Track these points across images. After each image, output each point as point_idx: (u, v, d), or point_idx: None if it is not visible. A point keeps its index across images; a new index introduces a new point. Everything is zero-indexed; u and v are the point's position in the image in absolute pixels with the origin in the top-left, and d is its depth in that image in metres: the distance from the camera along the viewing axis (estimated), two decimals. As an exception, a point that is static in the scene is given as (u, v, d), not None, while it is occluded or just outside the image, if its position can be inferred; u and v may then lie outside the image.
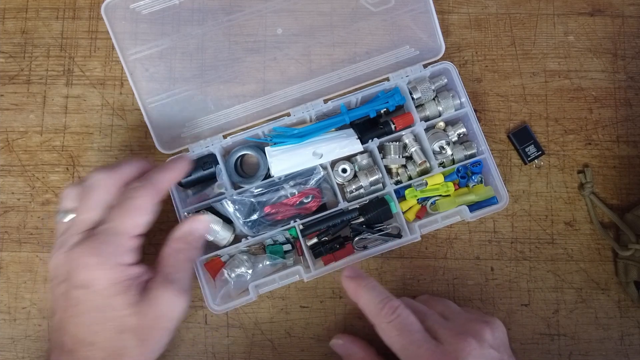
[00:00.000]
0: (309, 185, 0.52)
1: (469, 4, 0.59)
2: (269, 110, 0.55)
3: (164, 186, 0.45)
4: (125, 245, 0.42)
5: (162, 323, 0.43)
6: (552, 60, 0.58)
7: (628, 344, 0.54)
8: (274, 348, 0.54)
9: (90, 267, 0.41)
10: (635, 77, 0.58)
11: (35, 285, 0.55)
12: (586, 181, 0.55)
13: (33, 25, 0.59)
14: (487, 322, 0.44)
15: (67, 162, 0.57)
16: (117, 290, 0.41)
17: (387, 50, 0.56)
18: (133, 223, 0.42)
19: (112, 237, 0.41)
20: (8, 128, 0.57)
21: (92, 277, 0.41)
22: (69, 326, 0.41)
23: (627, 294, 0.54)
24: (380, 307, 0.44)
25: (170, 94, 0.55)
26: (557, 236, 0.55)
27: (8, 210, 0.56)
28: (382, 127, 0.54)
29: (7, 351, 0.54)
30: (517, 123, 0.57)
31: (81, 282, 0.41)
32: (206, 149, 0.54)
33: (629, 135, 0.57)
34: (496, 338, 0.43)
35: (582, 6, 0.59)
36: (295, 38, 0.57)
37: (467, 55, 0.58)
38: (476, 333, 0.42)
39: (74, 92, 0.58)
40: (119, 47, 0.53)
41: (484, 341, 0.42)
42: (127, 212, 0.42)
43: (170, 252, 0.45)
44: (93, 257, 0.41)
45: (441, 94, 0.54)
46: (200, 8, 0.55)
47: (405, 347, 0.42)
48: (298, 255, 0.54)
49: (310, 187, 0.52)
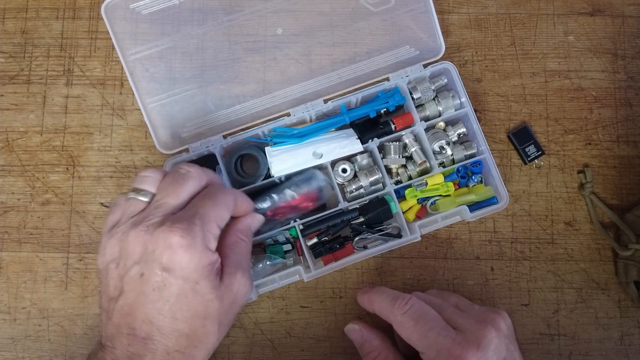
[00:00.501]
0: (308, 188, 0.52)
1: (469, 4, 0.59)
2: (269, 110, 0.55)
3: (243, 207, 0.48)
4: (213, 232, 0.42)
5: (235, 308, 0.44)
6: (552, 60, 0.58)
7: (628, 344, 0.54)
8: (274, 348, 0.54)
9: (178, 248, 0.39)
10: (635, 77, 0.58)
11: (35, 285, 0.55)
12: (586, 181, 0.55)
13: (33, 25, 0.59)
14: (498, 314, 0.45)
15: (67, 162, 0.57)
16: (203, 274, 0.40)
17: (387, 50, 0.56)
18: (221, 215, 0.43)
19: (204, 222, 0.41)
20: (8, 128, 0.57)
21: (179, 258, 0.39)
22: (145, 311, 0.39)
23: (627, 294, 0.54)
24: (392, 302, 0.45)
25: (170, 94, 0.55)
26: (557, 236, 0.55)
27: (8, 210, 0.56)
28: (382, 127, 0.54)
29: (7, 351, 0.54)
30: (517, 123, 0.57)
31: (166, 264, 0.39)
32: (206, 149, 0.54)
33: (629, 135, 0.57)
34: (508, 328, 0.45)
35: (582, 6, 0.59)
36: (295, 38, 0.57)
37: (467, 55, 0.58)
38: (493, 322, 0.43)
39: (74, 92, 0.58)
40: (119, 47, 0.53)
41: (501, 330, 0.43)
42: (217, 203, 0.43)
43: (235, 241, 0.46)
44: (184, 238, 0.39)
45: (441, 94, 0.54)
46: (200, 8, 0.55)
47: (424, 335, 0.42)
48: (298, 255, 0.54)
49: (309, 191, 0.52)
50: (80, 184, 0.56)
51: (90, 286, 0.55)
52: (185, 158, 0.54)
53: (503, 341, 0.43)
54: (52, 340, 0.54)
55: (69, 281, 0.55)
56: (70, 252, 0.55)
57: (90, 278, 0.55)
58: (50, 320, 0.54)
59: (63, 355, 0.54)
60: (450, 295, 0.50)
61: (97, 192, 0.56)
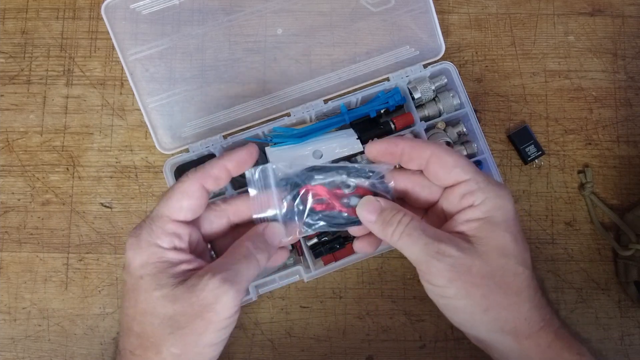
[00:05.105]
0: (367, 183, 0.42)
1: (469, 4, 0.59)
2: (269, 110, 0.55)
3: (215, 172, 0.41)
4: (164, 228, 0.40)
5: (204, 314, 0.38)
6: (552, 60, 0.58)
7: (628, 344, 0.54)
8: (274, 348, 0.54)
9: (127, 247, 0.40)
10: (635, 77, 0.58)
11: (35, 285, 0.55)
12: (586, 181, 0.55)
13: (33, 25, 0.59)
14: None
15: (67, 162, 0.57)
16: (147, 271, 0.39)
17: (387, 50, 0.56)
18: (175, 206, 0.40)
19: (151, 219, 0.41)
20: (8, 128, 0.57)
21: (128, 257, 0.40)
22: (120, 312, 0.42)
23: (627, 294, 0.54)
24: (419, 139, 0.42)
25: (170, 94, 0.55)
26: (557, 236, 0.55)
27: (8, 210, 0.56)
28: (382, 127, 0.54)
29: (7, 351, 0.54)
30: (517, 123, 0.57)
31: (124, 264, 0.41)
32: (206, 149, 0.54)
33: (629, 135, 0.57)
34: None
35: (582, 6, 0.59)
36: (295, 38, 0.57)
37: (467, 55, 0.58)
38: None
39: (74, 92, 0.58)
40: (119, 47, 0.53)
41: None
42: (170, 194, 0.41)
43: (235, 246, 0.41)
44: (131, 237, 0.40)
45: (441, 94, 0.54)
46: (200, 8, 0.55)
47: (462, 156, 0.40)
48: (298, 255, 0.54)
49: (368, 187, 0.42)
50: (80, 184, 0.56)
51: (90, 286, 0.55)
52: (185, 158, 0.54)
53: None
54: (52, 340, 0.54)
55: (69, 281, 0.55)
56: (70, 252, 0.55)
57: (90, 278, 0.55)
58: (50, 321, 0.54)
59: (63, 356, 0.54)
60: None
61: (97, 192, 0.56)
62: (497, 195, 0.39)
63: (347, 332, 0.54)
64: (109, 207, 0.56)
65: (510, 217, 0.39)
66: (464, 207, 0.39)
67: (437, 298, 0.40)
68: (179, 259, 0.40)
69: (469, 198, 0.39)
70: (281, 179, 0.42)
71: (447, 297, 0.38)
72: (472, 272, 0.37)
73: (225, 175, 0.42)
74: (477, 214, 0.39)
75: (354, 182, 0.41)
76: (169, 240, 0.40)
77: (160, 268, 0.39)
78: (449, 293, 0.38)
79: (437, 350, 0.53)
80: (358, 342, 0.54)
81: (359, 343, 0.54)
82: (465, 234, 0.39)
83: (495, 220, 0.38)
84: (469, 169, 0.39)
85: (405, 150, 0.41)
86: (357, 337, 0.54)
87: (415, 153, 0.40)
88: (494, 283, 0.38)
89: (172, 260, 0.40)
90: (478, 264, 0.37)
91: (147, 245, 0.40)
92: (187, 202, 0.40)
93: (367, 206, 0.41)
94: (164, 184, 0.55)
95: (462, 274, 0.37)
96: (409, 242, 0.38)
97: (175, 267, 0.40)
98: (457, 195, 0.40)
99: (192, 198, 0.41)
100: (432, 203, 0.42)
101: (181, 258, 0.40)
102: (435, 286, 0.38)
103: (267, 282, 0.51)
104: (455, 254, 0.37)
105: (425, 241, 0.38)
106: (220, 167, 0.41)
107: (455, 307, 0.39)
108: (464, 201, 0.39)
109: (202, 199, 0.41)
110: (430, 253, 0.37)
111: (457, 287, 0.37)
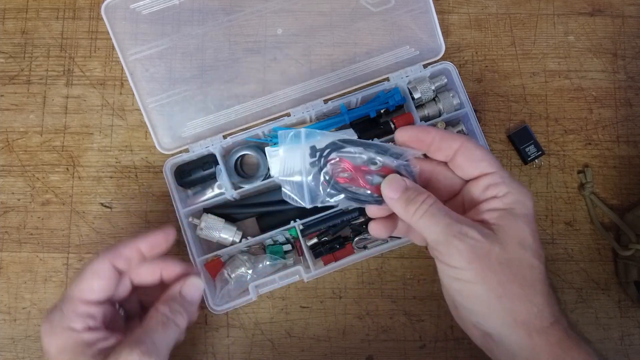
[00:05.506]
0: (395, 164, 0.41)
1: (469, 4, 0.59)
2: (269, 110, 0.55)
3: (126, 252, 0.43)
4: (77, 311, 0.41)
5: None
6: (552, 60, 0.58)
7: (628, 344, 0.54)
8: (274, 348, 0.54)
9: (42, 334, 0.41)
10: (635, 77, 0.58)
11: (35, 285, 0.55)
12: (586, 181, 0.55)
13: (33, 25, 0.59)
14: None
15: (67, 162, 0.57)
16: (65, 357, 0.40)
17: (387, 50, 0.56)
18: (86, 287, 0.42)
19: (63, 303, 0.41)
20: (8, 128, 0.57)
21: (44, 344, 0.41)
22: None
23: (627, 294, 0.54)
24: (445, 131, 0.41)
25: (170, 94, 0.55)
26: (557, 236, 0.55)
27: (8, 211, 0.56)
28: (382, 127, 0.54)
29: (7, 351, 0.54)
30: (517, 123, 0.57)
31: (43, 351, 0.41)
32: (206, 149, 0.54)
33: (629, 135, 0.57)
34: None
35: (582, 6, 0.59)
36: (295, 38, 0.57)
37: (467, 55, 0.58)
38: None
39: (74, 92, 0.58)
40: (119, 47, 0.53)
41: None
42: (81, 276, 0.42)
43: (151, 314, 0.42)
44: (44, 324, 0.41)
45: (441, 94, 0.54)
46: (200, 8, 0.55)
47: (488, 152, 0.41)
48: (298, 255, 0.54)
49: (394, 168, 0.41)
50: (80, 184, 0.56)
51: (90, 286, 0.55)
52: (185, 158, 0.54)
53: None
54: (52, 340, 0.54)
55: (69, 281, 0.55)
56: (70, 253, 0.55)
57: (90, 278, 0.55)
58: None
59: (63, 356, 0.54)
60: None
61: (97, 192, 0.56)
62: (520, 192, 0.39)
63: (347, 332, 0.54)
64: (109, 207, 0.56)
65: (530, 213, 0.39)
66: (487, 198, 0.40)
67: (451, 281, 0.39)
68: (95, 338, 0.41)
69: (493, 189, 0.39)
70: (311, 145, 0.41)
71: (462, 280, 0.38)
72: (491, 257, 0.37)
73: (137, 256, 0.43)
74: (500, 205, 0.39)
75: (381, 161, 0.40)
76: (82, 321, 0.41)
77: (77, 351, 0.40)
78: (466, 276, 0.38)
79: (437, 350, 0.53)
80: (358, 342, 0.54)
81: (359, 343, 0.54)
82: (487, 221, 0.39)
83: (517, 212, 0.39)
84: (495, 163, 0.40)
85: (436, 139, 0.41)
86: (357, 337, 0.54)
87: (445, 143, 0.40)
88: (511, 272, 0.38)
89: (87, 341, 0.41)
90: (497, 250, 0.37)
91: (61, 330, 0.40)
92: (97, 283, 0.41)
93: (393, 183, 0.40)
94: (164, 184, 0.55)
95: (481, 257, 0.37)
96: (431, 222, 0.38)
97: (93, 346, 0.41)
98: (481, 187, 0.40)
99: (102, 278, 0.42)
100: (451, 195, 0.43)
101: (97, 337, 0.41)
102: (452, 267, 0.38)
103: (267, 282, 0.51)
104: (476, 236, 0.37)
105: (447, 221, 0.38)
106: (133, 248, 0.43)
107: (469, 292, 0.38)
108: (487, 192, 0.40)
109: (113, 279, 0.42)
110: (453, 232, 0.37)
111: (474, 270, 0.37)
